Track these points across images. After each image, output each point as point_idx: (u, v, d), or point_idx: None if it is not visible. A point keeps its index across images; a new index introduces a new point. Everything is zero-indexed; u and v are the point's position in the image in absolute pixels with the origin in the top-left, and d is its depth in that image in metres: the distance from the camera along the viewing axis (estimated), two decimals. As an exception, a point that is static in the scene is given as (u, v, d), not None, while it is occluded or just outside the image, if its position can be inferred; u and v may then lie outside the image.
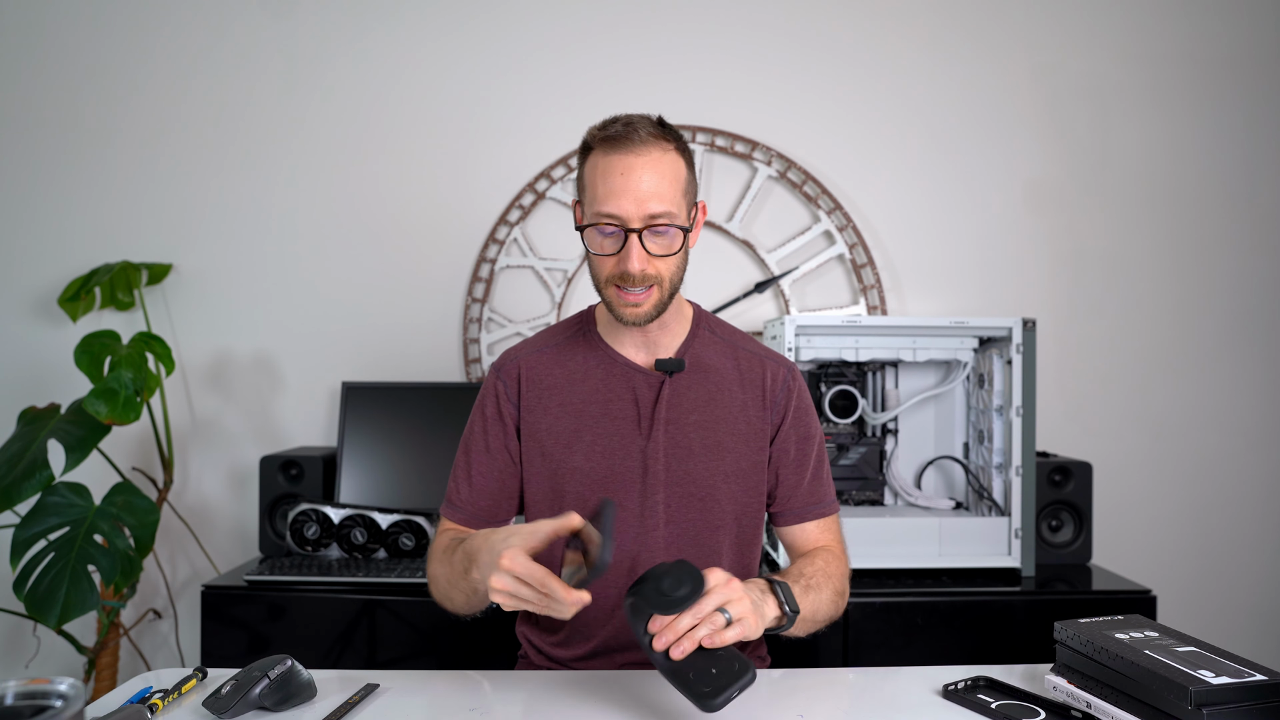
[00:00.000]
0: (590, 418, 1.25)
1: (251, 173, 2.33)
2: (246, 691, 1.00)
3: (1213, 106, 2.35)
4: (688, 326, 1.31)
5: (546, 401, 1.27)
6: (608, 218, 1.16)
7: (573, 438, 1.25)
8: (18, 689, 0.60)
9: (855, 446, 2.05)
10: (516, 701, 1.09)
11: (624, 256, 1.16)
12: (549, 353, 1.30)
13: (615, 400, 1.26)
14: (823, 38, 2.34)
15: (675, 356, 1.27)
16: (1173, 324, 2.36)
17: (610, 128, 1.18)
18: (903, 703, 1.07)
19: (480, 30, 2.32)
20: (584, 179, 1.21)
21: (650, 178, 1.15)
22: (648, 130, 1.17)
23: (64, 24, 2.32)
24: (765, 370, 1.30)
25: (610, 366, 1.27)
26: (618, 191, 1.15)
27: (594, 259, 1.20)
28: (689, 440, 1.24)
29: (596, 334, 1.30)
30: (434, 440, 2.09)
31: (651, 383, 1.26)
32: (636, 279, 1.16)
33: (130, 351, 1.97)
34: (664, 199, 1.16)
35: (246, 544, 2.30)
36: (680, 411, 1.25)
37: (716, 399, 1.27)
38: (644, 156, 1.15)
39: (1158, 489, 2.36)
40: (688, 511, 1.24)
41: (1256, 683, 0.93)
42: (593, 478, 1.24)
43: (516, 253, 2.32)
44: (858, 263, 2.31)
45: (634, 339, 1.27)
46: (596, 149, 1.19)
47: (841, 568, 1.27)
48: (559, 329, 1.35)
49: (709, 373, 1.28)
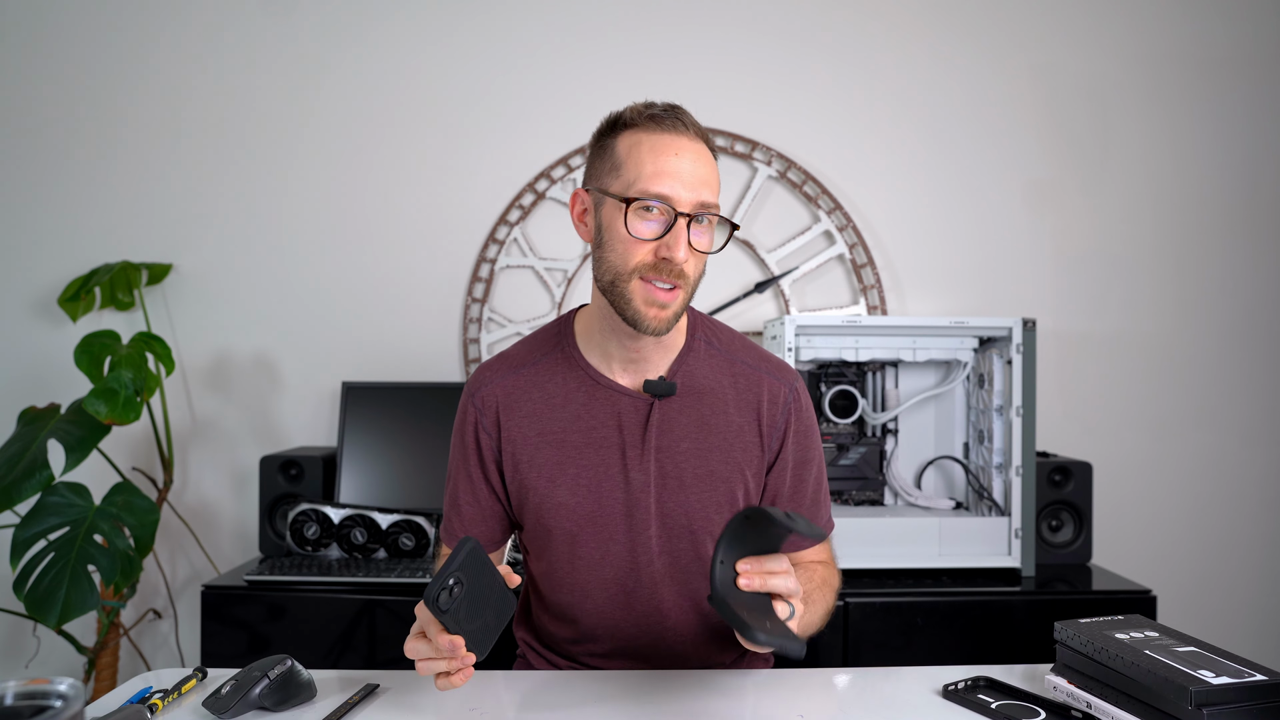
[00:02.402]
0: (573, 448, 1.15)
1: (252, 173, 2.33)
2: (246, 691, 1.00)
3: (1213, 106, 2.35)
4: (682, 340, 1.19)
5: (525, 430, 1.17)
6: (656, 198, 1.04)
7: (556, 471, 1.15)
8: (18, 689, 0.60)
9: (855, 446, 2.05)
10: (516, 701, 1.09)
11: (670, 242, 1.04)
12: (525, 374, 1.19)
13: (599, 428, 1.15)
14: (823, 38, 2.33)
15: (666, 377, 1.16)
16: (1173, 324, 2.36)
17: (654, 108, 1.09)
18: (903, 703, 1.07)
19: (480, 30, 2.32)
20: (617, 155, 1.08)
21: (703, 165, 1.07)
22: (691, 121, 1.10)
23: (64, 24, 2.32)
24: (763, 389, 1.19)
25: (593, 390, 1.16)
26: (670, 172, 1.04)
27: (625, 245, 1.06)
28: (680, 470, 1.15)
29: (576, 350, 1.18)
30: (434, 440, 2.09)
31: (639, 407, 1.15)
32: (675, 270, 1.05)
33: (130, 351, 1.97)
34: (713, 189, 1.08)
35: (246, 544, 2.30)
36: (671, 439, 1.15)
37: (710, 423, 1.16)
38: (695, 143, 1.08)
39: (1158, 489, 2.35)
40: (679, 544, 1.17)
41: (1256, 683, 0.93)
42: (578, 514, 1.15)
43: (516, 253, 2.32)
44: (858, 263, 2.31)
45: (621, 355, 1.15)
46: (640, 126, 1.08)
47: (836, 581, 1.23)
48: (535, 344, 1.22)
49: (703, 395, 1.17)
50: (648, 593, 1.18)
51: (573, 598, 1.20)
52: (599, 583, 1.18)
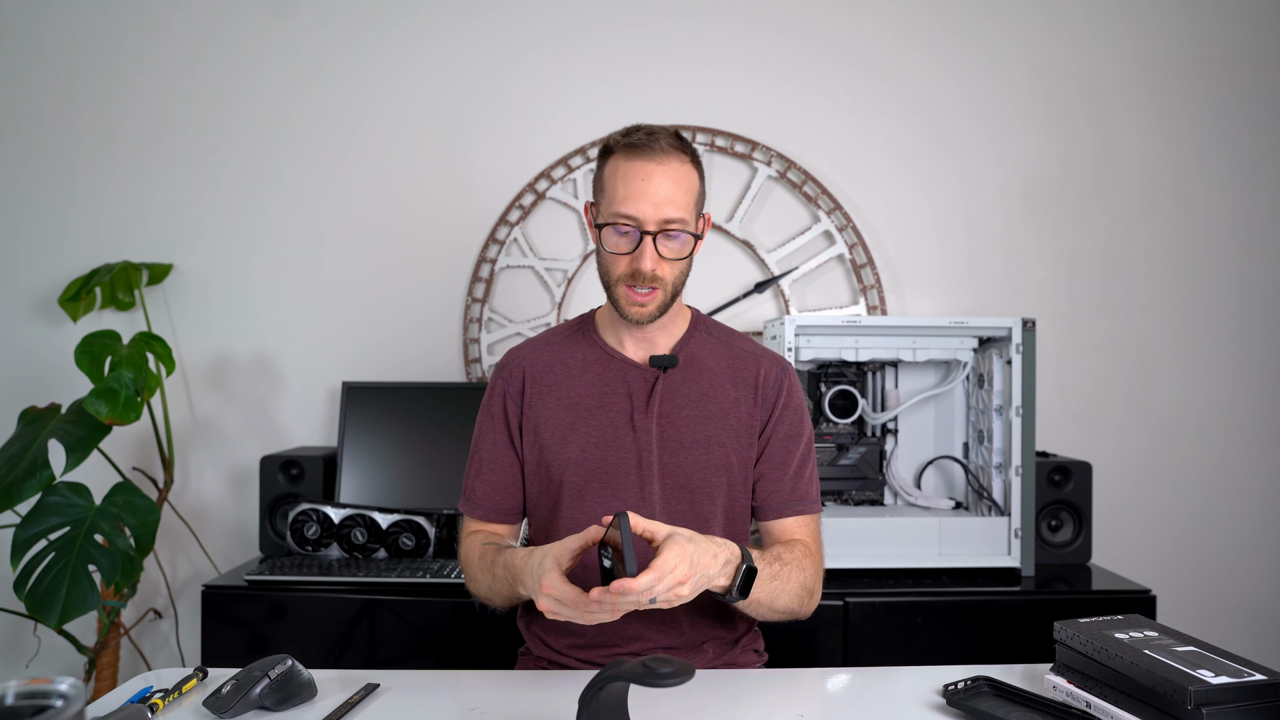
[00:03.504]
0: (585, 410, 1.32)
1: (252, 173, 2.33)
2: (247, 691, 1.00)
3: (1213, 106, 2.35)
4: (685, 326, 1.37)
5: (545, 396, 1.33)
6: (625, 218, 1.23)
7: (568, 430, 1.31)
8: (18, 689, 0.60)
9: (855, 446, 2.06)
10: (517, 701, 1.09)
11: (638, 256, 1.23)
12: (549, 351, 1.37)
13: (610, 394, 1.32)
14: (822, 38, 2.34)
15: (670, 353, 1.33)
16: (1173, 324, 2.36)
17: (634, 135, 1.25)
18: (902, 703, 1.07)
19: (480, 30, 2.32)
20: (603, 180, 1.27)
21: (668, 185, 1.23)
22: (668, 141, 1.24)
23: (64, 24, 2.32)
24: (759, 368, 1.35)
25: (607, 362, 1.34)
26: (637, 195, 1.22)
27: (608, 257, 1.27)
28: (680, 434, 1.30)
29: (596, 333, 1.37)
30: (434, 440, 2.09)
31: (646, 377, 1.32)
32: (647, 278, 1.23)
33: (130, 351, 1.97)
34: (679, 206, 1.23)
35: (247, 544, 2.30)
36: (673, 406, 1.31)
37: (709, 395, 1.32)
38: (664, 165, 1.23)
39: (1157, 489, 2.35)
40: (679, 504, 1.29)
41: (1256, 683, 0.93)
42: (587, 469, 1.30)
43: (517, 253, 2.32)
44: (857, 263, 2.31)
45: (633, 337, 1.34)
46: (618, 153, 1.25)
47: (814, 566, 1.28)
48: (560, 329, 1.42)
49: (702, 370, 1.33)
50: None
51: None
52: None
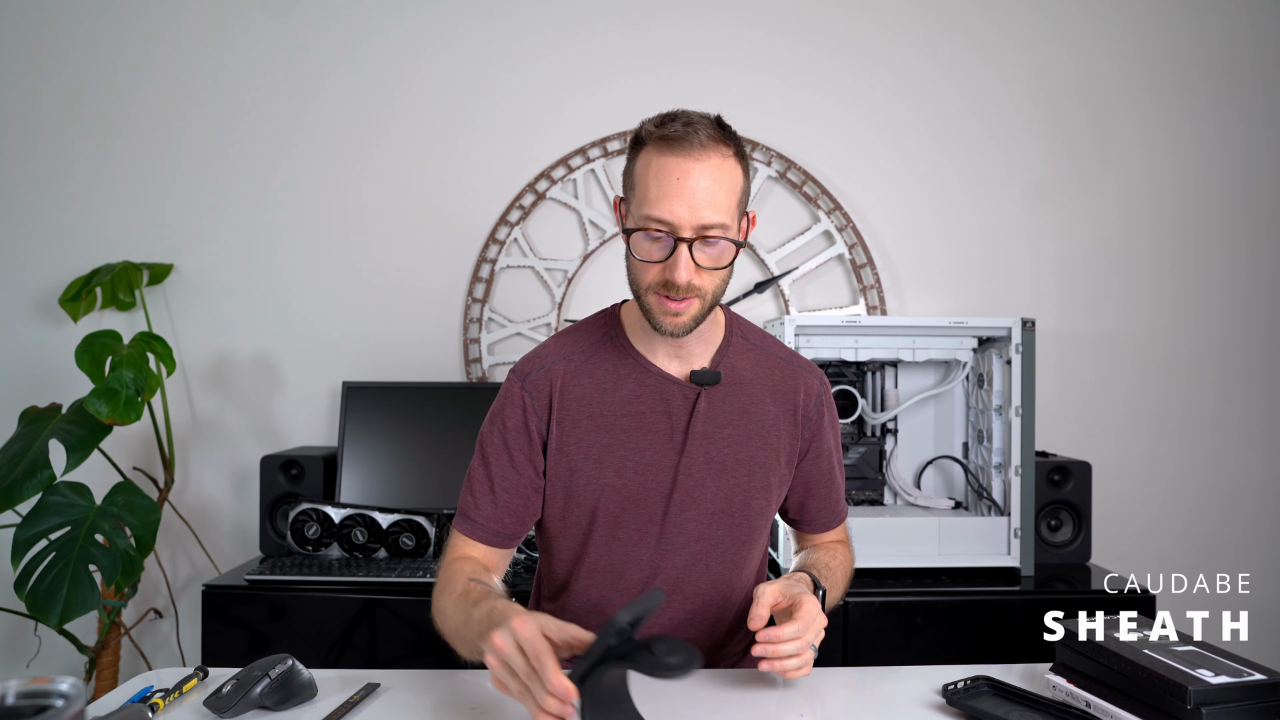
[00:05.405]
0: (622, 431, 1.20)
1: (252, 173, 2.33)
2: (247, 691, 1.00)
3: (1212, 107, 2.35)
4: (721, 334, 1.25)
5: (577, 415, 1.20)
6: (658, 223, 1.09)
7: (604, 453, 1.19)
8: (19, 688, 0.60)
9: (855, 446, 2.06)
10: (517, 701, 1.09)
11: (671, 265, 1.09)
12: (577, 360, 1.23)
13: (648, 413, 1.20)
14: (823, 38, 2.34)
15: (710, 367, 1.22)
16: (1172, 324, 2.36)
17: (669, 126, 1.09)
18: (902, 703, 1.07)
19: (480, 31, 2.32)
20: (634, 176, 1.13)
21: (707, 185, 1.08)
22: (708, 133, 1.09)
23: (65, 24, 2.32)
24: (799, 383, 1.26)
25: (643, 377, 1.21)
26: (672, 196, 1.08)
27: (637, 264, 1.13)
28: (723, 456, 1.21)
29: (625, 339, 1.24)
30: (434, 440, 2.09)
31: (686, 395, 1.21)
32: (681, 289, 1.10)
33: (131, 351, 1.97)
34: (719, 209, 1.09)
35: (247, 544, 2.30)
36: (715, 425, 1.21)
37: (750, 412, 1.23)
38: (703, 162, 1.08)
39: (1157, 489, 2.36)
40: (717, 528, 1.22)
41: (1256, 682, 0.93)
42: (625, 495, 1.19)
43: (517, 253, 2.32)
44: (857, 263, 2.31)
45: (666, 347, 1.22)
46: (651, 145, 1.10)
47: (850, 556, 1.35)
48: (584, 331, 1.27)
49: (743, 385, 1.23)
50: (677, 574, 1.22)
51: (607, 577, 1.22)
52: (634, 563, 1.21)
